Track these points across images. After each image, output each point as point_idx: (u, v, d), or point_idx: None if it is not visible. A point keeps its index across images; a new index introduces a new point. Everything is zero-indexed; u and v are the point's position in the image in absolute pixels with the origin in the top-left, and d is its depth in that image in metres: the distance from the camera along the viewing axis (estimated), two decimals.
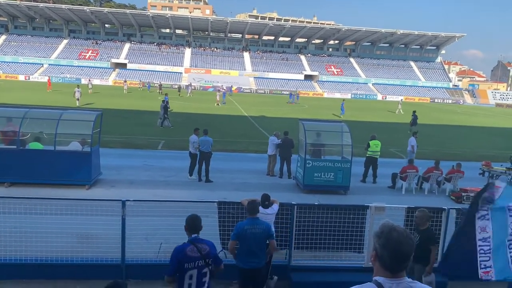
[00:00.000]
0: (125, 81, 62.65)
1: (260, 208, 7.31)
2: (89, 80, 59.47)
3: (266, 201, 7.36)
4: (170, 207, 7.70)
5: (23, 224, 7.69)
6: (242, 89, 76.07)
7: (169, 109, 28.04)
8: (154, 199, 9.92)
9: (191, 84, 66.36)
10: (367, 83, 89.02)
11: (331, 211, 8.26)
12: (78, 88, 38.01)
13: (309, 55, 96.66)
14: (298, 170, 14.95)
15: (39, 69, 78.51)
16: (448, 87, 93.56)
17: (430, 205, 9.51)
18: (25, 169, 12.82)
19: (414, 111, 34.04)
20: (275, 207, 7.50)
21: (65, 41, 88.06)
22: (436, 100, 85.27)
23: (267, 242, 6.15)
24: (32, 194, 10.98)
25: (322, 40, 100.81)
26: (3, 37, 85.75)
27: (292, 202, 8.34)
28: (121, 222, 7.55)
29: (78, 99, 36.55)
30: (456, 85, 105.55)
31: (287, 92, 77.99)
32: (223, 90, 54.62)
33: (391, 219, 7.48)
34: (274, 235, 6.19)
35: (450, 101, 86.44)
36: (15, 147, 13.12)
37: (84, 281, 7.46)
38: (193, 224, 4.84)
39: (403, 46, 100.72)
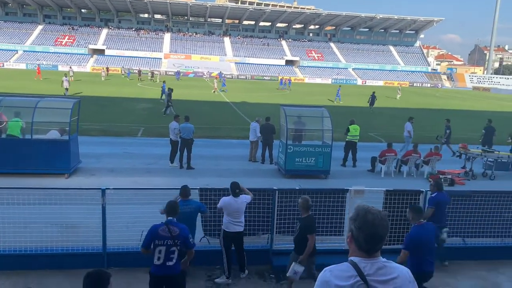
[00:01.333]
0: (107, 68, 61.39)
1: (230, 197, 7.31)
2: (70, 68, 57.86)
3: (236, 189, 7.33)
4: (151, 195, 7.69)
5: (2, 214, 7.58)
6: (223, 75, 75.41)
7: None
8: (134, 187, 9.86)
9: (179, 71, 65.90)
10: (347, 68, 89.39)
11: (311, 195, 8.36)
12: (65, 76, 37.05)
13: (290, 40, 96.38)
14: (279, 156, 15.03)
15: (13, 55, 76.32)
16: (426, 71, 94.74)
17: (409, 187, 9.71)
18: (2, 158, 12.56)
19: (373, 92, 36.95)
20: (247, 198, 7.51)
21: (40, 27, 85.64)
22: (415, 84, 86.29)
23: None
24: (10, 184, 10.77)
25: (302, 25, 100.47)
26: None
27: (274, 187, 8.40)
28: (101, 210, 7.49)
29: (66, 88, 35.32)
30: (434, 69, 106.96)
31: (269, 77, 78.03)
32: (223, 77, 53.89)
33: (370, 202, 7.63)
34: (206, 208, 7.39)
35: (429, 85, 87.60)
36: None
37: (66, 270, 7.42)
38: (170, 208, 5.67)
39: (382, 30, 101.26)
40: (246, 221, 8.15)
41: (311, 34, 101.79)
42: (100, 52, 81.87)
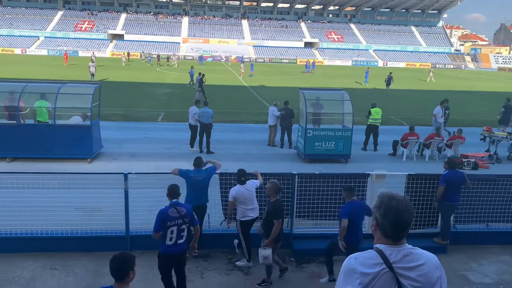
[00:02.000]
0: (128, 53, 61.13)
1: (238, 186, 7.33)
2: (93, 53, 56.74)
3: (242, 177, 7.35)
4: (172, 179, 7.75)
5: (28, 198, 7.78)
6: (242, 59, 75.02)
7: (204, 83, 27.38)
8: (155, 172, 9.97)
9: (202, 56, 65.58)
10: (368, 50, 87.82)
11: (332, 180, 8.31)
12: (92, 62, 36.37)
13: (309, 21, 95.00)
14: (298, 140, 14.96)
15: (35, 42, 77.39)
16: (450, 52, 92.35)
17: (431, 171, 9.56)
18: (26, 144, 12.84)
19: (390, 73, 38.77)
20: (255, 183, 7.52)
21: (60, 13, 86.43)
22: (437, 66, 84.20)
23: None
24: (34, 168, 11.05)
25: (322, 6, 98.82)
26: None
27: (293, 172, 8.38)
28: (124, 194, 7.62)
29: (93, 74, 34.98)
30: (458, 50, 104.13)
31: (287, 60, 77.44)
32: (249, 61, 52.59)
33: (392, 186, 7.54)
34: (215, 168, 7.90)
35: (452, 66, 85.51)
36: (15, 122, 13.09)
37: (91, 253, 7.61)
38: (173, 191, 6.02)
39: (404, 10, 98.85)
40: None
41: (330, 15, 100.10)
42: (119, 37, 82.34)
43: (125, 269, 3.67)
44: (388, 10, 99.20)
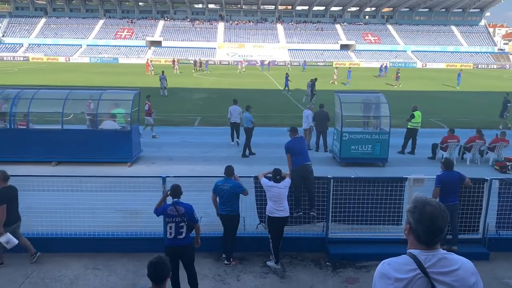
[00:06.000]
0: (174, 61, 58.84)
1: (272, 182, 7.57)
2: (150, 62, 54.75)
3: (277, 176, 7.55)
4: (209, 182, 7.90)
5: (71, 201, 8.13)
6: (276, 63, 75.12)
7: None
8: (192, 175, 10.16)
9: (264, 61, 64.90)
10: (406, 51, 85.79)
11: (368, 184, 8.22)
12: (163, 74, 32.17)
13: (344, 24, 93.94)
14: (334, 143, 14.85)
15: (78, 50, 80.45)
16: (493, 52, 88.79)
17: (472, 175, 9.24)
18: (70, 149, 13.41)
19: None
20: (286, 182, 7.65)
21: (101, 21, 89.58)
22: (479, 66, 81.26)
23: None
24: (77, 172, 11.51)
25: (358, 8, 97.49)
26: (43, 20, 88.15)
27: (328, 176, 8.35)
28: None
29: (164, 88, 31.36)
30: (501, 49, 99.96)
31: (322, 63, 76.76)
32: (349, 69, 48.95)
33: (430, 190, 7.37)
34: (243, 189, 7.61)
35: (495, 66, 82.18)
36: (60, 127, 13.69)
37: (131, 253, 7.85)
38: (174, 191, 6.43)
39: (444, 10, 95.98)
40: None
41: (367, 17, 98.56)
42: (157, 43, 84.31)
43: (163, 274, 3.87)
44: (427, 10, 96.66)
